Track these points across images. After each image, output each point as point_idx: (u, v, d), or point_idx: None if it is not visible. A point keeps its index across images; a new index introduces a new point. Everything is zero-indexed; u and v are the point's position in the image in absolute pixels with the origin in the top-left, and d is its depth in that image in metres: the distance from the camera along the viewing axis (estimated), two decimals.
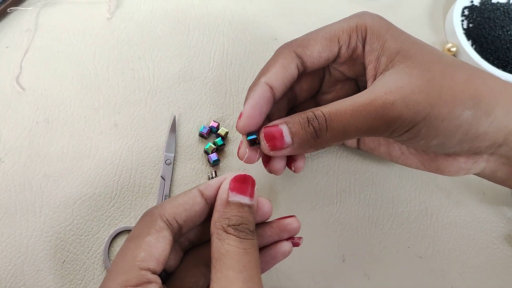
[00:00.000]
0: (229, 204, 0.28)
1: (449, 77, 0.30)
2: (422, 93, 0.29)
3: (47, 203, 0.39)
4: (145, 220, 0.28)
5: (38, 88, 0.44)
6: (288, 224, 0.32)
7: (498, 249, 0.41)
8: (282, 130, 0.31)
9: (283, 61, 0.32)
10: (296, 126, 0.31)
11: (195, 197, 0.29)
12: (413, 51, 0.31)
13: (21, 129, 0.42)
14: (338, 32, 0.33)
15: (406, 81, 0.29)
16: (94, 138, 0.42)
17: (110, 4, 0.49)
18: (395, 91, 0.29)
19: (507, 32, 0.50)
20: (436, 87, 0.29)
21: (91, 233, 0.38)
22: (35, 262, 0.37)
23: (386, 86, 0.30)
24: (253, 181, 0.29)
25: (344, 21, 0.34)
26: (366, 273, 0.39)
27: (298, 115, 0.31)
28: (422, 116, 0.29)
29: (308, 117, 0.30)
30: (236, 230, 0.27)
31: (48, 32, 0.47)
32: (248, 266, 0.26)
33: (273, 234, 0.32)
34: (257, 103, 0.31)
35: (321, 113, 0.30)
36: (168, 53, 0.47)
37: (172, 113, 0.44)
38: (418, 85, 0.29)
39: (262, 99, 0.32)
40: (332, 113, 0.30)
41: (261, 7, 0.51)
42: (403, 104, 0.29)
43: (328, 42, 0.33)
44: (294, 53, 0.33)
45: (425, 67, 0.30)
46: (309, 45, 0.33)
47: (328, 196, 0.42)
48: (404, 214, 0.42)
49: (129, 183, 0.40)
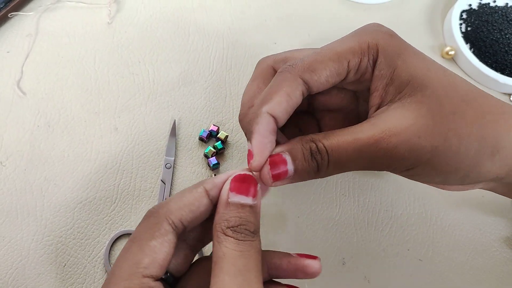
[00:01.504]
0: (229, 205, 0.27)
1: (459, 116, 0.28)
2: (427, 137, 0.28)
3: (48, 207, 0.39)
4: (149, 222, 0.27)
5: (39, 93, 0.44)
6: (308, 266, 0.29)
7: (497, 252, 0.41)
8: (286, 160, 0.29)
9: (288, 89, 0.29)
10: (300, 157, 0.29)
11: (201, 198, 0.28)
12: (426, 81, 0.29)
13: (22, 133, 0.42)
14: (347, 55, 0.30)
15: (412, 121, 0.28)
16: (95, 142, 0.42)
17: (110, 9, 0.49)
18: (399, 134, 0.28)
19: (505, 35, 0.50)
20: (443, 130, 0.28)
21: (91, 237, 0.38)
22: (36, 265, 0.37)
23: (391, 125, 0.28)
24: (254, 180, 0.28)
25: (354, 39, 0.31)
26: (366, 276, 0.39)
27: (301, 145, 0.29)
28: (424, 160, 0.28)
29: (311, 149, 0.29)
30: (234, 232, 0.26)
31: (49, 36, 0.47)
32: (244, 270, 0.25)
33: (289, 270, 0.29)
34: (264, 137, 0.29)
35: (323, 147, 0.29)
36: (168, 57, 0.47)
37: (172, 117, 0.44)
38: (424, 127, 0.28)
39: (268, 131, 0.29)
40: (334, 148, 0.29)
41: (260, 11, 0.52)
42: (407, 148, 0.28)
43: (337, 66, 0.30)
44: (300, 79, 0.30)
45: (436, 102, 0.28)
46: (317, 69, 0.30)
47: (327, 199, 0.42)
48: (403, 217, 0.42)
49: (130, 187, 0.41)
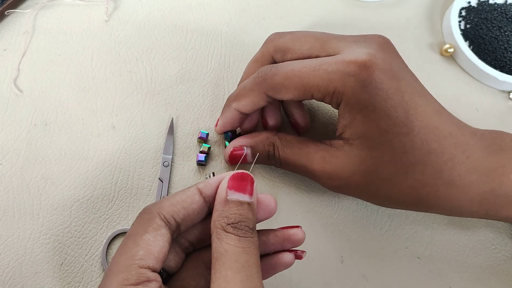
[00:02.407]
0: (228, 202, 0.28)
1: (396, 183, 0.34)
2: (356, 191, 0.37)
3: (45, 205, 0.39)
4: (142, 218, 0.28)
5: (36, 91, 0.44)
6: (293, 235, 0.31)
7: (496, 250, 0.41)
8: (246, 153, 0.38)
9: (253, 99, 0.37)
10: (260, 153, 0.38)
11: (194, 195, 0.29)
12: (375, 142, 0.33)
13: (19, 132, 0.42)
14: (312, 90, 0.34)
15: (353, 172, 0.35)
16: (92, 140, 0.42)
17: (108, 7, 0.49)
18: (341, 179, 0.35)
19: (505, 32, 0.50)
20: (372, 193, 0.36)
21: (89, 235, 0.38)
22: (33, 264, 0.37)
23: (337, 169, 0.35)
24: (251, 178, 0.29)
25: (322, 77, 0.33)
26: (365, 274, 0.39)
27: (262, 146, 0.38)
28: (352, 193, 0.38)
29: (269, 153, 0.38)
30: (235, 229, 0.27)
31: (46, 34, 0.47)
32: (246, 266, 0.26)
33: (276, 243, 0.31)
34: (228, 121, 0.39)
35: (278, 155, 0.38)
36: (165, 55, 0.47)
37: (170, 115, 0.44)
38: (356, 184, 0.35)
39: (231, 119, 0.39)
40: (284, 161, 0.38)
41: (259, 9, 0.52)
42: (345, 186, 0.36)
43: (300, 94, 0.34)
44: (264, 95, 0.36)
45: (377, 166, 0.34)
46: (281, 92, 0.35)
47: (326, 198, 0.42)
48: (402, 215, 0.42)
49: (127, 185, 0.40)
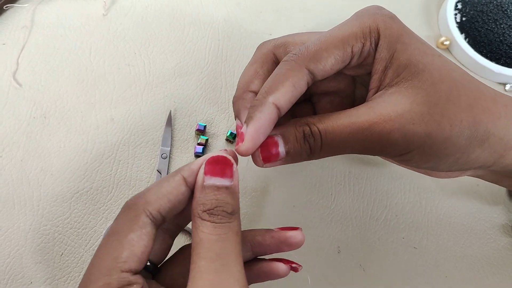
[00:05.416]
0: (204, 188, 0.26)
1: (453, 102, 0.29)
2: (421, 124, 0.28)
3: (45, 197, 0.39)
4: (127, 214, 0.26)
5: (35, 84, 0.44)
6: (290, 237, 0.29)
7: (491, 239, 0.41)
8: (278, 143, 0.29)
9: (294, 79, 0.29)
10: (292, 140, 0.29)
11: (179, 186, 0.27)
12: (422, 65, 0.29)
13: (19, 125, 0.42)
14: (351, 40, 0.30)
15: (407, 107, 0.29)
16: (91, 133, 0.42)
17: (106, 1, 0.49)
18: (394, 120, 0.28)
19: (500, 25, 0.50)
20: (437, 116, 0.29)
21: (88, 226, 0.39)
22: (33, 255, 0.37)
23: (386, 110, 0.29)
24: (228, 160, 0.27)
25: (355, 23, 0.31)
26: (361, 264, 0.40)
27: (294, 128, 0.29)
28: (417, 145, 0.29)
29: (305, 132, 0.29)
30: (211, 215, 0.25)
31: (44, 28, 0.47)
32: (222, 254, 0.24)
33: (272, 244, 0.29)
34: (263, 126, 0.28)
35: (317, 130, 0.29)
36: (163, 49, 0.47)
37: (168, 107, 0.44)
38: (419, 114, 0.28)
39: (268, 121, 0.28)
40: (328, 131, 0.29)
41: (256, 2, 0.52)
42: (401, 134, 0.28)
43: (341, 53, 0.30)
44: (306, 69, 0.29)
45: (431, 88, 0.29)
46: (322, 58, 0.30)
47: (323, 189, 0.42)
48: (398, 206, 0.42)
49: (126, 177, 0.41)
